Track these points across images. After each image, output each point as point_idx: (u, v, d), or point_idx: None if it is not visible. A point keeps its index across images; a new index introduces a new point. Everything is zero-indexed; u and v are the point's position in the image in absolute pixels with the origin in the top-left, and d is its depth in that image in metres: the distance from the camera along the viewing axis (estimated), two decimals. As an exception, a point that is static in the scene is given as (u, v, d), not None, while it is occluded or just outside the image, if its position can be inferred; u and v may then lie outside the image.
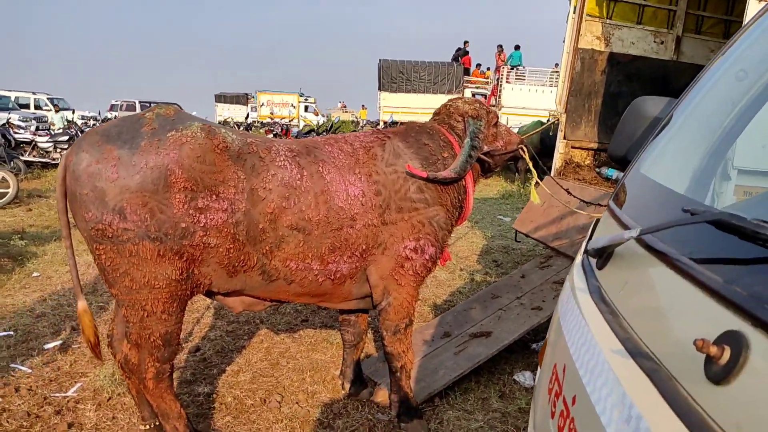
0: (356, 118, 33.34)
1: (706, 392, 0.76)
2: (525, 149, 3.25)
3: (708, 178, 1.35)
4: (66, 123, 16.73)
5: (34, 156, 12.09)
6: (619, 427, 0.85)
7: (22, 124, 14.42)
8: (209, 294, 2.65)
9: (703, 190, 1.33)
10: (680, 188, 1.26)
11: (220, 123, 28.29)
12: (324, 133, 19.06)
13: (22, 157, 11.37)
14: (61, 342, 3.95)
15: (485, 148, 3.07)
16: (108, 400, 3.20)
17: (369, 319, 3.48)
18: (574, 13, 5.38)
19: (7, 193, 8.58)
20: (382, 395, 3.29)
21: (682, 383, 0.82)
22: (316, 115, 36.33)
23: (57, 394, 3.25)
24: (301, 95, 37.23)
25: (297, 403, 3.28)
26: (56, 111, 18.48)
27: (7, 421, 2.96)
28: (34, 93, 23.43)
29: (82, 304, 2.56)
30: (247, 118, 32.30)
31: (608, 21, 5.67)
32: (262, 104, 35.45)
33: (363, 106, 36.77)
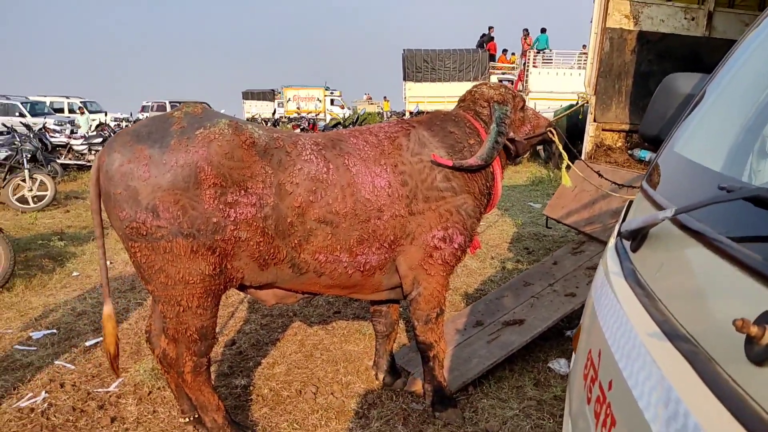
0: (380, 109, 33.20)
1: (748, 374, 0.73)
2: (554, 132, 3.20)
3: (745, 155, 1.31)
4: (91, 125, 17.01)
5: (69, 159, 12.41)
6: (658, 412, 0.83)
7: (58, 128, 14.80)
8: (242, 288, 2.69)
9: (739, 167, 1.28)
10: (716, 166, 1.22)
11: (247, 119, 28.58)
12: (351, 126, 19.07)
13: (58, 161, 11.68)
14: (101, 339, 4.05)
15: (511, 134, 3.03)
16: (148, 395, 3.29)
17: (400, 309, 3.49)
18: (601, -8, 5.25)
19: (46, 195, 8.85)
20: (416, 385, 3.29)
21: (722, 365, 0.79)
22: (342, 108, 36.35)
23: (100, 390, 3.35)
24: (327, 89, 37.28)
25: (332, 393, 3.31)
26: (81, 113, 18.74)
27: (54, 416, 3.06)
28: (67, 97, 24.04)
29: (107, 309, 2.58)
30: (274, 113, 32.50)
31: (637, -1, 5.51)
32: (289, 99, 35.61)
33: (385, 97, 36.60)
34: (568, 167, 3.35)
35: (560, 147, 3.21)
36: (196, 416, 2.83)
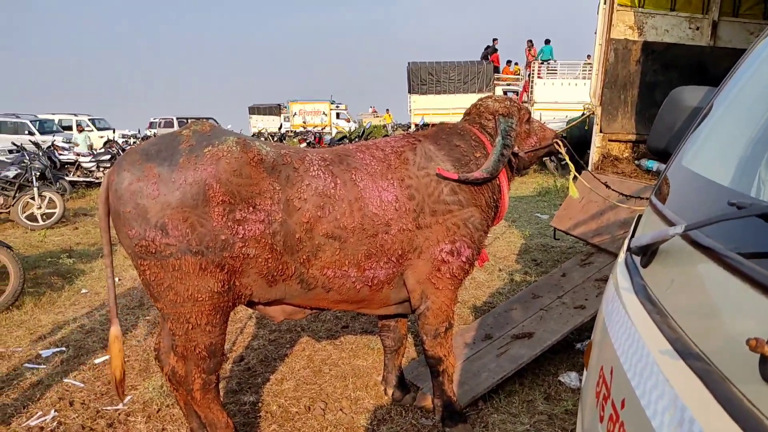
0: (383, 122, 33.33)
1: (762, 393, 0.73)
2: (561, 144, 3.20)
3: (754, 168, 1.30)
4: (90, 143, 16.86)
5: (78, 176, 12.53)
6: (672, 431, 0.82)
7: (66, 146, 14.93)
8: (250, 304, 2.69)
9: (748, 180, 1.27)
10: (725, 180, 1.22)
11: (254, 134, 28.72)
12: (356, 139, 19.14)
13: (67, 178, 11.79)
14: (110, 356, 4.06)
15: (516, 148, 3.03)
16: (157, 412, 3.28)
17: (409, 323, 3.48)
18: (605, 3, 5.27)
19: (55, 213, 8.91)
20: (425, 400, 3.27)
21: (735, 384, 0.79)
22: (348, 121, 36.51)
23: (109, 408, 3.35)
24: (333, 102, 37.50)
25: (341, 410, 3.29)
26: (80, 131, 18.37)
27: (64, 435, 3.06)
28: (75, 115, 24.24)
29: (114, 329, 2.56)
30: (280, 128, 32.68)
31: (640, 9, 5.53)
32: (295, 114, 35.83)
33: (387, 110, 36.79)
34: (575, 178, 3.35)
35: (567, 158, 3.21)
36: (206, 434, 2.82)
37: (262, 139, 15.85)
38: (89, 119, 24.11)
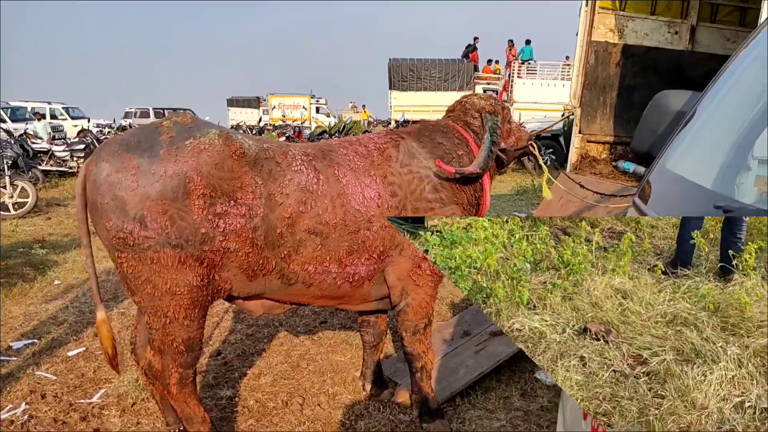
0: (361, 118, 33.20)
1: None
2: (535, 145, 3.24)
3: (735, 172, 1.33)
4: (50, 132, 16.22)
5: (51, 165, 12.26)
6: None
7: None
8: (229, 299, 2.66)
9: (730, 183, 1.30)
10: (708, 183, 1.24)
11: (232, 127, 28.41)
12: (336, 134, 19.06)
13: (39, 167, 11.53)
14: (84, 349, 3.99)
15: (502, 144, 3.06)
16: (132, 406, 3.23)
17: (388, 319, 3.48)
18: (587, 5, 5.33)
19: (27, 202, 8.71)
20: (403, 396, 3.28)
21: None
22: (328, 116, 36.33)
23: (82, 401, 3.29)
24: (312, 96, 37.24)
25: (318, 405, 3.28)
26: (39, 120, 17.56)
27: (35, 428, 3.00)
28: (49, 103, 23.67)
29: (100, 314, 2.56)
30: (259, 121, 32.35)
31: (621, 13, 5.61)
32: (274, 107, 35.50)
33: (363, 106, 36.69)
34: (549, 181, 3.39)
35: (540, 160, 3.25)
36: (182, 428, 2.79)
37: (241, 132, 15.63)
38: (63, 108, 23.59)
